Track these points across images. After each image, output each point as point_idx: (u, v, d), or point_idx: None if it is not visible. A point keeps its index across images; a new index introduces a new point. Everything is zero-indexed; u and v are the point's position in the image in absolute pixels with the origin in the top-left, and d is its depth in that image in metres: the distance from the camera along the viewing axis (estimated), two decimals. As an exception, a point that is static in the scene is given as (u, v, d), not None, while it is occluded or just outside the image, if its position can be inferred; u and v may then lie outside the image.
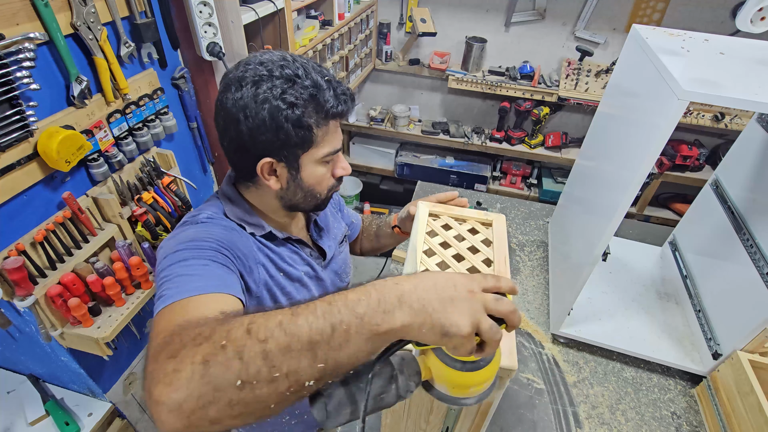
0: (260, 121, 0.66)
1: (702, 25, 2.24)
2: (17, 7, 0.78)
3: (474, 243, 0.84)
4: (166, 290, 0.59)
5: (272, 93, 0.65)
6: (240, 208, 0.79)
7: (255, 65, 0.67)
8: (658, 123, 0.85)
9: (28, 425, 1.10)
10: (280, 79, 0.66)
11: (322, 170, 0.76)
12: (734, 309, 1.12)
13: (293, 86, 0.66)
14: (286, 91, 0.66)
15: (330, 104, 0.69)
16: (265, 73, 0.66)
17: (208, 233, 0.70)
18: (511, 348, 0.64)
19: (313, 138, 0.70)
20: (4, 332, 1.01)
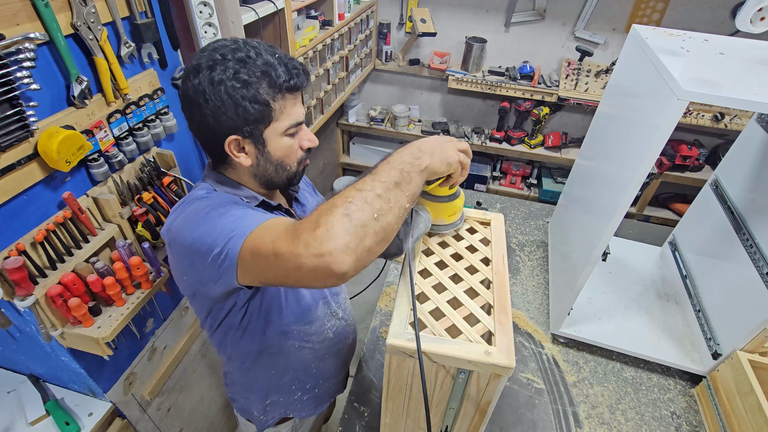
0: (219, 102, 0.72)
1: (702, 25, 2.24)
2: (17, 7, 0.78)
3: (472, 242, 0.84)
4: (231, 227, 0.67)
5: (226, 74, 0.71)
6: (229, 186, 0.84)
7: (209, 52, 0.73)
8: (657, 123, 0.85)
9: (28, 425, 1.10)
10: (232, 61, 0.71)
11: (288, 142, 0.80)
12: (734, 309, 1.12)
13: (245, 66, 0.72)
14: (239, 71, 0.71)
15: (282, 78, 0.74)
16: (218, 57, 0.71)
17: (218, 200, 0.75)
18: (509, 347, 0.64)
19: (272, 112, 0.75)
20: (5, 332, 1.01)
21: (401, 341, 0.64)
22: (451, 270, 0.79)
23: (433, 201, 0.79)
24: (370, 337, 1.31)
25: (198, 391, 1.61)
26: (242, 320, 0.87)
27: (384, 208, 0.58)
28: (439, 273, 0.78)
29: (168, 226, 0.77)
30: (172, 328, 1.38)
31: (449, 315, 0.71)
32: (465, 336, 0.67)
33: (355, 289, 1.26)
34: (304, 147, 0.84)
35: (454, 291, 0.75)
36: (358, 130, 2.96)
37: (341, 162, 3.13)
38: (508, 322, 0.68)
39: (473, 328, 0.68)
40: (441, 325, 0.69)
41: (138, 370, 1.25)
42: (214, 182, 0.84)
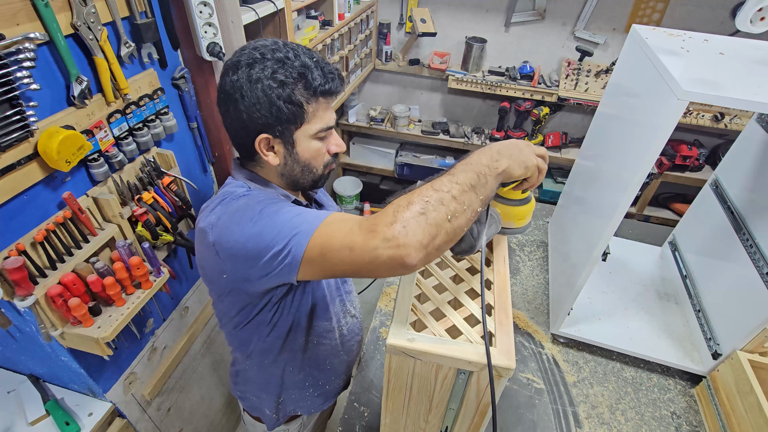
0: (255, 99, 0.73)
1: (702, 25, 2.24)
2: (17, 7, 0.78)
3: None
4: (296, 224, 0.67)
5: (264, 73, 0.72)
6: (260, 183, 0.85)
7: (249, 50, 0.74)
8: (657, 123, 0.85)
9: (28, 425, 1.10)
10: (271, 61, 0.73)
11: (316, 145, 0.81)
12: (734, 309, 1.12)
13: (283, 66, 0.73)
14: (277, 71, 0.73)
15: (318, 82, 0.75)
16: (258, 56, 0.73)
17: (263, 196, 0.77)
18: (509, 347, 0.64)
19: (305, 114, 0.76)
20: (5, 332, 1.01)
21: (401, 341, 0.64)
22: (452, 271, 0.79)
23: (505, 204, 0.78)
24: (370, 337, 1.31)
25: (198, 391, 1.61)
26: (273, 316, 0.88)
27: (458, 211, 0.60)
28: (440, 273, 0.78)
29: (210, 223, 0.74)
30: (172, 328, 1.38)
31: (450, 315, 0.70)
32: (465, 337, 0.67)
33: (356, 288, 1.27)
34: (331, 151, 0.85)
35: (455, 292, 0.75)
36: (358, 130, 2.96)
37: (341, 162, 3.13)
38: (509, 323, 0.68)
39: (473, 329, 0.68)
40: (441, 325, 0.69)
41: (138, 370, 1.25)
42: (246, 179, 0.85)
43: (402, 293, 0.73)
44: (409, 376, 0.70)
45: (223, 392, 1.82)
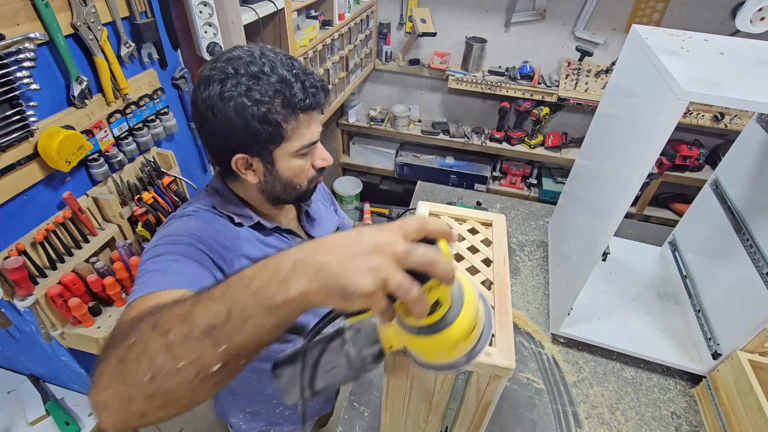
0: (227, 119, 0.68)
1: (702, 25, 2.24)
2: (17, 7, 0.78)
3: (474, 243, 0.84)
4: (136, 285, 0.61)
5: (237, 90, 0.67)
6: (228, 201, 0.81)
7: (222, 63, 0.68)
8: (657, 123, 0.85)
9: (28, 425, 1.10)
10: (245, 76, 0.67)
11: (298, 162, 0.77)
12: (734, 309, 1.12)
13: (258, 83, 0.67)
14: (252, 87, 0.67)
15: (297, 98, 0.69)
16: (230, 71, 0.67)
17: (187, 227, 0.72)
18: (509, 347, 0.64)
19: (283, 133, 0.71)
20: (5, 332, 1.01)
21: None
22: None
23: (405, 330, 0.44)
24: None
25: (198, 391, 1.60)
26: None
27: (167, 368, 0.39)
28: None
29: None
30: (172, 328, 1.38)
31: None
32: None
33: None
34: (317, 166, 0.80)
35: None
36: (358, 130, 2.96)
37: (341, 162, 3.13)
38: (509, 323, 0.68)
39: None
40: None
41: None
42: (215, 195, 0.81)
43: None
44: (409, 376, 0.70)
45: (223, 392, 1.83)
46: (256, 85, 0.67)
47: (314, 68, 1.90)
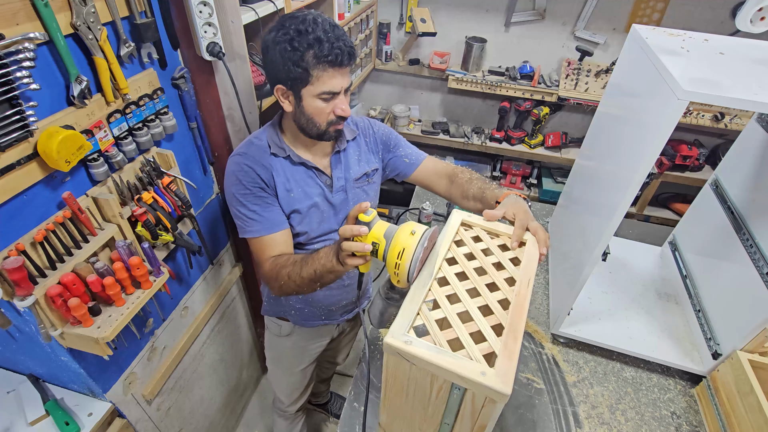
0: (274, 58, 0.95)
1: (702, 25, 2.24)
2: (17, 7, 0.78)
3: (501, 259, 0.81)
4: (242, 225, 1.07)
5: (284, 38, 0.92)
6: (275, 132, 1.09)
7: (286, 18, 0.94)
8: (657, 123, 0.85)
9: (28, 425, 1.10)
10: (293, 31, 0.92)
11: (320, 104, 0.99)
12: (734, 309, 1.12)
13: (299, 35, 0.91)
14: (294, 38, 0.92)
15: (324, 52, 0.92)
16: (286, 24, 0.93)
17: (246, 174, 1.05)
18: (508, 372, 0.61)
19: (309, 77, 0.95)
20: (4, 332, 1.01)
21: (398, 342, 0.64)
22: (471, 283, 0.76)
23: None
24: (371, 335, 1.31)
25: (198, 391, 1.61)
26: None
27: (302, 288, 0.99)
28: (458, 284, 0.75)
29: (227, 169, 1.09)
30: (172, 328, 1.38)
31: (456, 327, 0.68)
32: (466, 351, 0.64)
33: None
34: (336, 113, 1.00)
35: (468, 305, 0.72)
36: (358, 130, 2.96)
37: (341, 162, 3.14)
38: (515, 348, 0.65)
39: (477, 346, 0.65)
40: (445, 335, 0.67)
41: (138, 370, 1.25)
42: (271, 128, 1.10)
43: (412, 295, 0.72)
44: (406, 379, 0.69)
45: (223, 392, 1.82)
46: (297, 37, 0.91)
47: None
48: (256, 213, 1.04)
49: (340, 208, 1.17)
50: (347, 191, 1.17)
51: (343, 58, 0.94)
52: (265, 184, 1.05)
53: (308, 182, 1.10)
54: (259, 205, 1.05)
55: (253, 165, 1.04)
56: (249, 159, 1.05)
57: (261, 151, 1.07)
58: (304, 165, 1.10)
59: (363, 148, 1.22)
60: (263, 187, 1.05)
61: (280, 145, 1.08)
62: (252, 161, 1.05)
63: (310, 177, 1.11)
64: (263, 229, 1.05)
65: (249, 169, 1.04)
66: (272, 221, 1.06)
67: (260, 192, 1.05)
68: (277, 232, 1.06)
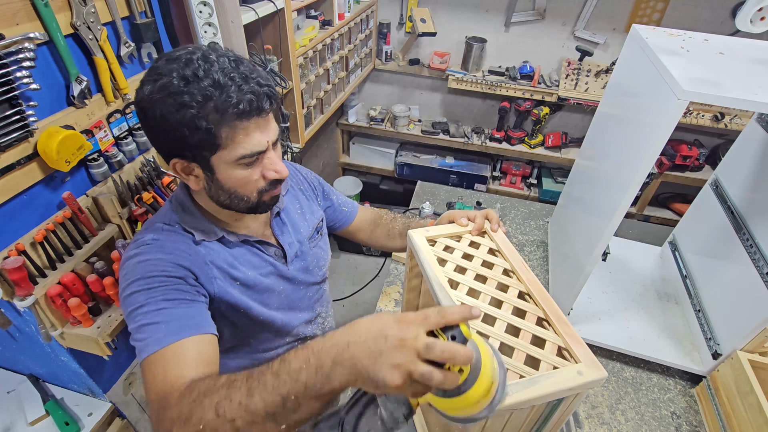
0: (155, 122, 0.64)
1: (702, 25, 2.24)
2: (17, 7, 0.78)
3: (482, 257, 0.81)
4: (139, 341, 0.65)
5: (165, 92, 0.62)
6: (190, 214, 0.77)
7: (161, 62, 0.64)
8: (657, 123, 0.85)
9: (28, 425, 1.10)
10: (176, 79, 0.62)
11: (241, 173, 0.70)
12: (734, 309, 1.12)
13: (188, 86, 0.62)
14: (181, 91, 0.62)
15: (231, 103, 0.63)
16: (164, 71, 0.63)
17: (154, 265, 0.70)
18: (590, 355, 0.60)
19: (217, 140, 0.65)
20: (4, 332, 1.01)
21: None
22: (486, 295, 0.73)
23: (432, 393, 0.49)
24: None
25: (198, 391, 1.60)
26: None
27: None
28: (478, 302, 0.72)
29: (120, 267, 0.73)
30: (171, 328, 1.38)
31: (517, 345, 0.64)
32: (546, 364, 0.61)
33: (354, 288, 1.26)
34: (268, 178, 0.72)
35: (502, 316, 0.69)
36: (358, 130, 2.96)
37: (341, 162, 3.13)
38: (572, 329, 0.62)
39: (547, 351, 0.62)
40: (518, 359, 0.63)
41: (138, 370, 1.25)
42: (178, 208, 0.78)
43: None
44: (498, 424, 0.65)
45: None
46: (185, 88, 0.62)
47: (314, 68, 1.90)
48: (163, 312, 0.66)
49: (300, 281, 0.92)
50: (305, 257, 0.92)
51: (260, 104, 0.66)
52: (191, 273, 0.72)
53: (254, 263, 0.82)
54: (170, 301, 0.67)
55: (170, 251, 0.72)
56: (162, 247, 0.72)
57: (179, 238, 0.74)
58: (244, 242, 0.82)
59: (301, 199, 0.98)
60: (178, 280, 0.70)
61: (202, 227, 0.77)
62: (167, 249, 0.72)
63: (255, 255, 0.83)
64: (173, 332, 0.64)
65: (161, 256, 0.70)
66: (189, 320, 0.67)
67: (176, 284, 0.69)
68: (199, 335, 0.66)
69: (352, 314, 2.57)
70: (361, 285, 2.19)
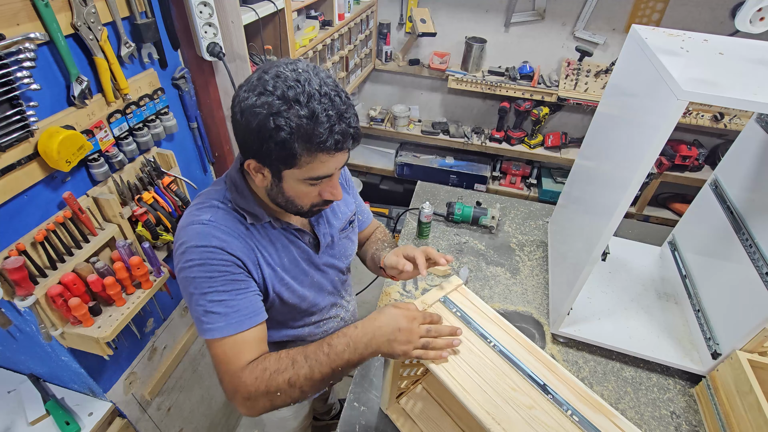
0: (250, 129, 0.70)
1: (701, 25, 2.24)
2: (18, 7, 0.78)
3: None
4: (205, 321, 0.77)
5: (266, 110, 0.67)
6: (243, 197, 0.84)
7: (270, 76, 0.69)
8: (657, 123, 0.85)
9: (28, 425, 1.10)
10: (280, 100, 0.67)
11: (304, 188, 0.78)
12: (733, 309, 1.12)
13: (288, 110, 0.67)
14: (281, 113, 0.67)
15: (320, 138, 0.69)
16: (270, 87, 0.68)
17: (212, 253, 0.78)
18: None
19: (296, 161, 0.72)
20: (5, 332, 1.01)
21: None
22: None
23: None
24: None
25: (198, 391, 1.61)
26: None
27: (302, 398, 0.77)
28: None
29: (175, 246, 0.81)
30: (172, 328, 1.38)
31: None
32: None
33: (355, 289, 1.26)
34: (323, 197, 0.81)
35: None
36: (358, 130, 2.96)
37: (341, 162, 3.13)
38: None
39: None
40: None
41: (138, 369, 1.25)
42: (232, 188, 0.84)
43: None
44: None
45: (223, 392, 1.82)
46: (285, 112, 0.67)
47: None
48: (224, 303, 0.77)
49: (328, 267, 1.00)
50: (334, 245, 1.00)
51: (344, 144, 0.72)
52: (241, 262, 0.80)
53: (290, 249, 0.90)
54: (228, 291, 0.78)
55: (225, 237, 0.79)
56: (218, 230, 0.79)
57: (232, 220, 0.82)
58: (285, 229, 0.89)
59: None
60: (234, 268, 0.79)
61: (254, 211, 0.83)
62: (223, 232, 0.79)
63: (292, 241, 0.91)
64: (235, 323, 0.77)
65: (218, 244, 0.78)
66: (246, 311, 0.79)
67: (233, 274, 0.79)
68: (255, 326, 0.80)
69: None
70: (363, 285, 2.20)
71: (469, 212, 1.67)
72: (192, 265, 0.76)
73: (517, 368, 0.78)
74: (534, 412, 0.71)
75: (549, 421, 0.70)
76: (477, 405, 0.72)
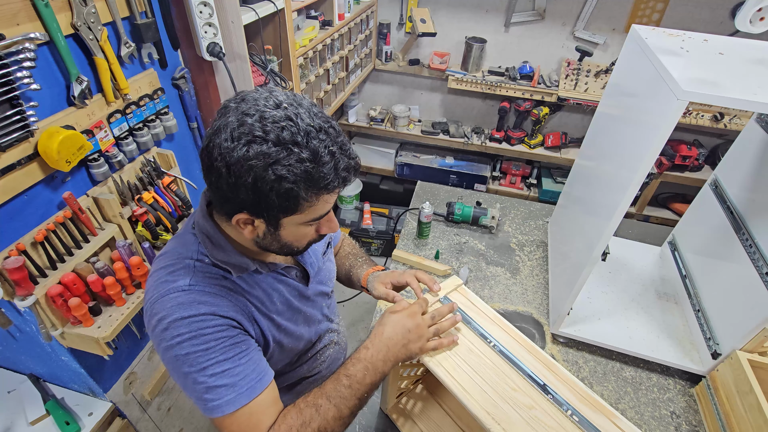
0: (243, 183, 0.60)
1: (701, 25, 2.24)
2: (18, 8, 0.78)
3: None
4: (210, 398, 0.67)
5: (262, 161, 0.58)
6: (222, 250, 0.73)
7: (256, 119, 0.59)
8: (657, 123, 0.85)
9: (28, 425, 1.10)
10: (277, 146, 0.58)
11: (304, 230, 0.71)
12: (733, 309, 1.12)
13: (289, 156, 0.59)
14: (280, 161, 0.58)
15: (327, 180, 0.62)
16: (259, 133, 0.58)
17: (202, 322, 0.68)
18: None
19: (299, 208, 0.64)
20: (5, 332, 1.01)
21: None
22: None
23: None
24: (370, 337, 1.31)
25: (198, 391, 1.61)
26: None
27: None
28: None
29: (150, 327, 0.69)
30: (172, 327, 1.38)
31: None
32: None
33: (355, 290, 1.26)
34: (322, 233, 0.75)
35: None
36: (358, 130, 2.96)
37: (341, 162, 3.13)
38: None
39: None
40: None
41: (138, 369, 1.25)
42: (205, 240, 0.73)
43: None
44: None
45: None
46: (285, 158, 0.59)
47: (314, 68, 1.90)
48: (228, 373, 0.67)
49: (317, 296, 0.93)
50: (320, 272, 0.93)
51: (348, 180, 0.67)
52: (236, 322, 0.71)
53: (281, 291, 0.81)
54: (230, 359, 0.68)
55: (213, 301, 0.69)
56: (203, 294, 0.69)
57: (214, 278, 0.72)
58: (274, 271, 0.81)
59: None
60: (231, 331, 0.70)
61: (237, 262, 0.73)
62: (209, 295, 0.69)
63: (281, 281, 0.82)
64: (246, 392, 0.68)
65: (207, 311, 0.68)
66: (255, 375, 0.70)
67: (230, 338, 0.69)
68: (266, 387, 0.71)
69: (353, 315, 2.58)
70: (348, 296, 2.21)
71: (469, 212, 1.67)
72: (181, 341, 0.66)
73: (517, 368, 0.78)
74: (534, 412, 0.71)
75: (549, 421, 0.70)
76: (477, 405, 0.72)
